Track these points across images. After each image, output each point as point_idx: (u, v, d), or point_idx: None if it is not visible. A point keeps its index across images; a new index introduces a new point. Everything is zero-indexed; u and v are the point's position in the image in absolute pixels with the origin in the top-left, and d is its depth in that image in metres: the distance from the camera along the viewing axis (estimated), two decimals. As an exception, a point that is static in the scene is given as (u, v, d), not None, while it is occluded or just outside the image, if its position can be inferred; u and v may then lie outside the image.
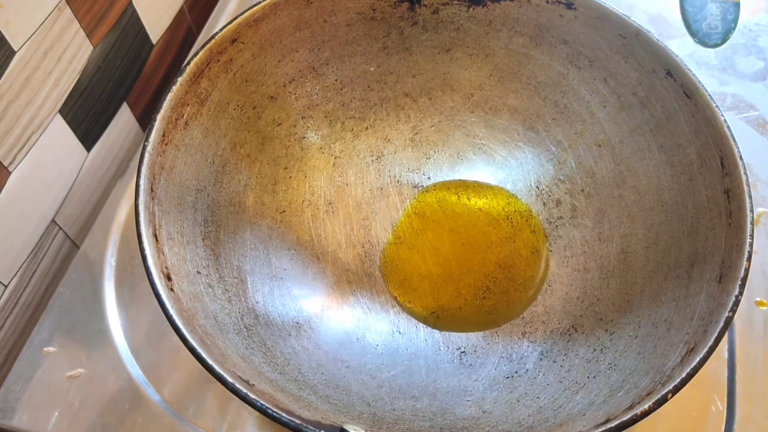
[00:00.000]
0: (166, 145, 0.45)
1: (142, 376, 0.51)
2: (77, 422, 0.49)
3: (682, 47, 0.69)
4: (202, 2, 0.73)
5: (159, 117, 0.45)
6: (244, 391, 0.37)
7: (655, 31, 0.54)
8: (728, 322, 0.38)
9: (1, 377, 0.52)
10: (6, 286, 0.54)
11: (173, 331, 0.39)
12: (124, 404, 0.49)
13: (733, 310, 0.39)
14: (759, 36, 0.71)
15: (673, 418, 0.48)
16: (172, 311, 0.39)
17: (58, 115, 0.55)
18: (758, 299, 0.53)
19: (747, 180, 0.43)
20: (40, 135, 0.53)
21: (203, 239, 0.47)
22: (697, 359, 0.37)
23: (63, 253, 0.61)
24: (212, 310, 0.43)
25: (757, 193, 0.59)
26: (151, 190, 0.43)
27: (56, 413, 0.49)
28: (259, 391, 0.38)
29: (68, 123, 0.56)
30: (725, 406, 0.48)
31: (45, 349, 0.52)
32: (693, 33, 0.71)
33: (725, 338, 0.52)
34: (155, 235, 0.42)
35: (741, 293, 0.39)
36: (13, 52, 0.48)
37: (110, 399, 0.50)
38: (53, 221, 0.58)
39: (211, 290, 0.45)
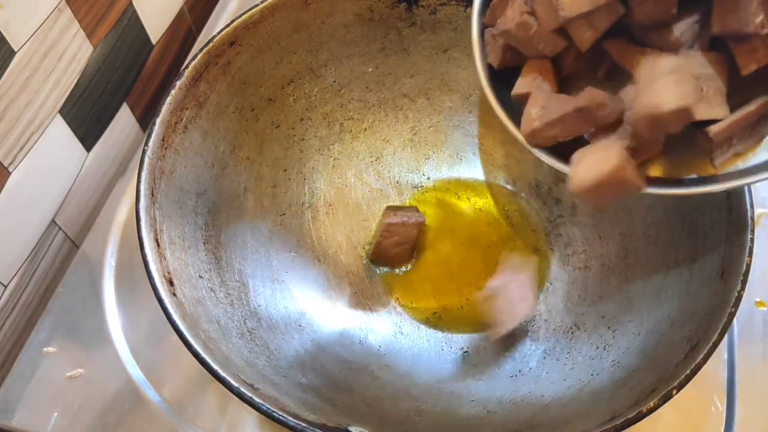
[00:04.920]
0: (166, 149, 0.45)
1: (141, 376, 0.50)
2: (77, 422, 0.49)
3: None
4: (202, 2, 0.73)
5: (158, 121, 0.45)
6: (249, 395, 0.37)
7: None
8: (731, 317, 0.38)
9: (1, 377, 0.52)
10: (6, 287, 0.54)
11: (173, 332, 0.39)
12: (123, 404, 0.49)
13: (736, 306, 0.39)
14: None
15: (673, 419, 0.48)
16: (175, 316, 0.39)
17: (58, 116, 0.55)
18: (758, 300, 0.53)
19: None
20: (40, 135, 0.53)
21: (204, 243, 0.47)
22: (701, 355, 0.37)
23: (63, 253, 0.60)
24: (215, 315, 0.43)
25: (756, 194, 0.59)
26: (152, 194, 0.43)
27: (56, 413, 0.49)
28: (264, 395, 0.38)
29: (68, 123, 0.56)
30: (725, 406, 0.48)
31: (45, 349, 0.52)
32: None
33: (725, 339, 0.52)
34: (156, 240, 0.42)
35: (743, 289, 0.39)
36: (13, 53, 0.48)
37: (110, 399, 0.50)
38: (53, 221, 0.58)
39: (213, 294, 0.45)
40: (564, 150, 0.39)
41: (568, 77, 0.42)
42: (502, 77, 0.43)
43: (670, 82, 0.34)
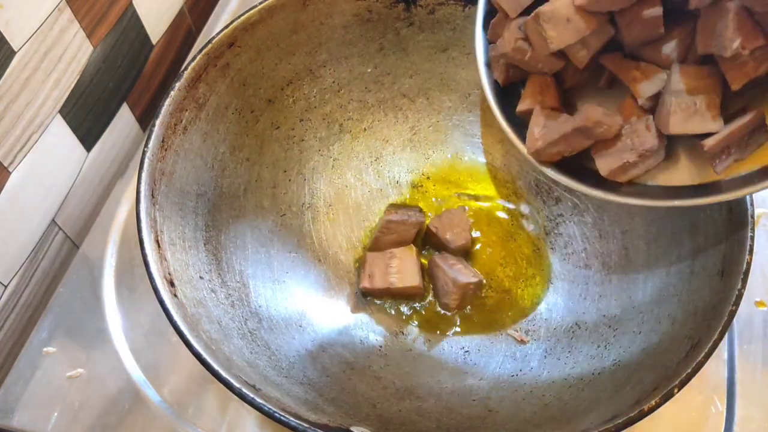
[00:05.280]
0: (166, 150, 0.45)
1: (141, 376, 0.50)
2: (77, 422, 0.49)
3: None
4: (202, 2, 0.73)
5: (158, 123, 0.45)
6: (251, 396, 0.37)
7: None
8: (732, 315, 0.39)
9: (1, 377, 0.52)
10: (6, 287, 0.54)
11: (173, 332, 0.39)
12: (124, 404, 0.49)
13: (736, 304, 0.39)
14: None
15: (673, 419, 0.48)
16: (176, 317, 0.39)
17: (58, 116, 0.55)
18: (758, 300, 0.53)
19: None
20: (40, 135, 0.53)
21: (205, 244, 0.47)
22: (702, 353, 0.37)
23: (63, 253, 0.60)
24: (216, 315, 0.43)
25: (756, 194, 0.59)
26: (152, 195, 0.43)
27: (56, 413, 0.49)
28: (265, 396, 0.38)
29: (68, 123, 0.56)
30: (725, 406, 0.48)
31: (45, 349, 0.52)
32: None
33: (725, 339, 0.52)
34: (157, 241, 0.42)
35: (743, 287, 0.39)
36: (13, 53, 0.48)
37: (110, 399, 0.49)
38: (53, 221, 0.58)
39: (214, 295, 0.45)
40: (570, 162, 0.41)
41: (571, 88, 0.43)
42: (507, 89, 0.44)
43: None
